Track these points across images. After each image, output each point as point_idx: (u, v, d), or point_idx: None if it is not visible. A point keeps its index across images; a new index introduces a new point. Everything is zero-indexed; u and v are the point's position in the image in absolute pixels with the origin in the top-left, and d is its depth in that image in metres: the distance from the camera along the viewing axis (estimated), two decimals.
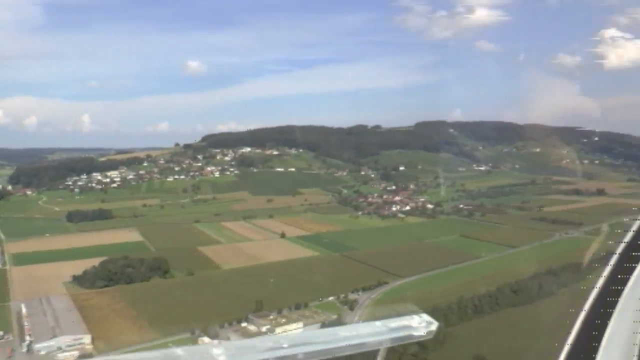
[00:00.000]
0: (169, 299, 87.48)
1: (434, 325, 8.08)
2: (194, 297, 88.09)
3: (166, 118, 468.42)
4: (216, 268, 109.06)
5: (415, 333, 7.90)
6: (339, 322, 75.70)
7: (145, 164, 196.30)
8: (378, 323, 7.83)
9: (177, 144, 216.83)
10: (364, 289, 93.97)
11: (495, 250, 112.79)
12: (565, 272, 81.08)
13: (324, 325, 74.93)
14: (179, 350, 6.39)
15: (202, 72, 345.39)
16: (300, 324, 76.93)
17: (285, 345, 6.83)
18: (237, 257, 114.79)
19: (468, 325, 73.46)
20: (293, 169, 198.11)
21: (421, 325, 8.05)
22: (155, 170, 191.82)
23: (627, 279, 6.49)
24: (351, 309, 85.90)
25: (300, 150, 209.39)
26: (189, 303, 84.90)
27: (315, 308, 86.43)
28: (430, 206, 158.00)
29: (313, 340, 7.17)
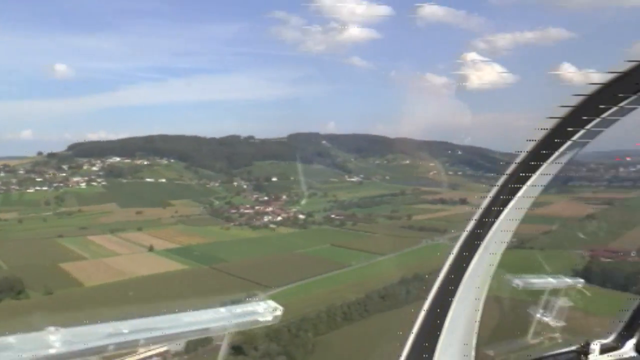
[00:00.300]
0: (18, 321, 78.89)
1: (279, 311, 8.09)
2: (50, 317, 79.86)
3: (29, 125, 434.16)
4: (78, 286, 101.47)
5: (261, 319, 7.91)
6: (205, 340, 71.76)
7: (1, 175, 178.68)
8: (223, 309, 7.87)
9: (39, 153, 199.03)
10: (233, 302, 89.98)
11: (365, 258, 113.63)
12: (431, 275, 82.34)
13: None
14: (10, 339, 6.13)
15: (70, 77, 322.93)
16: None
17: (125, 331, 6.70)
18: (102, 273, 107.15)
19: (337, 333, 72.72)
20: (164, 180, 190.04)
21: (267, 311, 8.07)
22: (14, 181, 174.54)
23: (466, 268, 6.53)
24: None
25: (172, 161, 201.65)
26: (42, 324, 76.72)
27: None
28: (302, 216, 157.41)
29: (154, 326, 6.98)
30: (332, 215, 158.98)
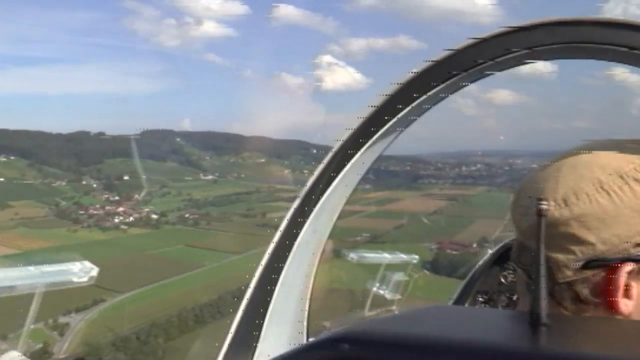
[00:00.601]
0: None
1: (95, 271, 8.07)
2: None
3: None
4: None
5: (75, 279, 7.83)
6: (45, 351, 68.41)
7: None
8: (32, 267, 7.57)
9: None
10: (78, 310, 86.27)
11: (219, 258, 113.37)
12: None
13: None
14: None
15: None
16: None
17: None
18: None
19: (189, 336, 72.24)
20: (2, 179, 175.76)
21: (82, 271, 7.93)
22: None
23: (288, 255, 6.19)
24: (61, 334, 77.85)
25: (12, 158, 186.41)
26: None
27: (15, 339, 76.75)
28: (155, 216, 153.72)
29: None
30: (187, 215, 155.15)
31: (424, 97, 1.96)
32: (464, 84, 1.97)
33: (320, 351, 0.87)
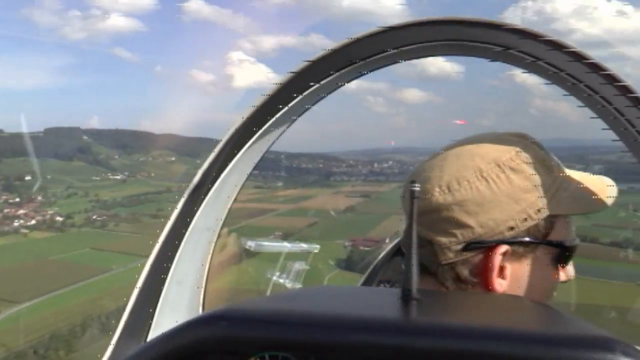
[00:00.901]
0: None
1: None
2: None
3: None
4: None
5: None
6: None
7: None
8: None
9: None
10: None
11: (128, 261, 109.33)
12: None
13: None
14: None
15: None
16: None
17: None
18: None
19: (95, 347, 69.03)
20: None
21: None
22: None
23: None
24: None
25: None
26: None
27: None
28: (59, 219, 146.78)
29: None
30: (94, 216, 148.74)
31: (301, 96, 2.04)
32: (340, 83, 2.07)
33: (200, 327, 0.92)
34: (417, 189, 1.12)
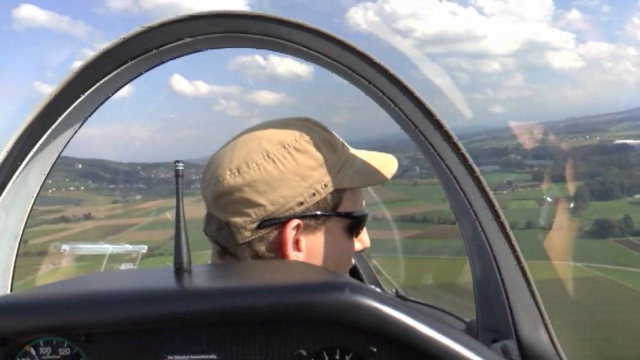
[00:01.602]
0: None
1: None
2: None
3: None
4: None
5: None
6: None
7: None
8: None
9: None
10: None
11: None
12: None
13: None
14: None
15: None
16: None
17: None
18: None
19: None
20: None
21: None
22: None
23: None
24: None
25: None
26: None
27: None
28: None
29: None
30: None
31: (88, 92, 1.74)
32: (141, 71, 1.84)
33: None
34: (181, 167, 1.16)
